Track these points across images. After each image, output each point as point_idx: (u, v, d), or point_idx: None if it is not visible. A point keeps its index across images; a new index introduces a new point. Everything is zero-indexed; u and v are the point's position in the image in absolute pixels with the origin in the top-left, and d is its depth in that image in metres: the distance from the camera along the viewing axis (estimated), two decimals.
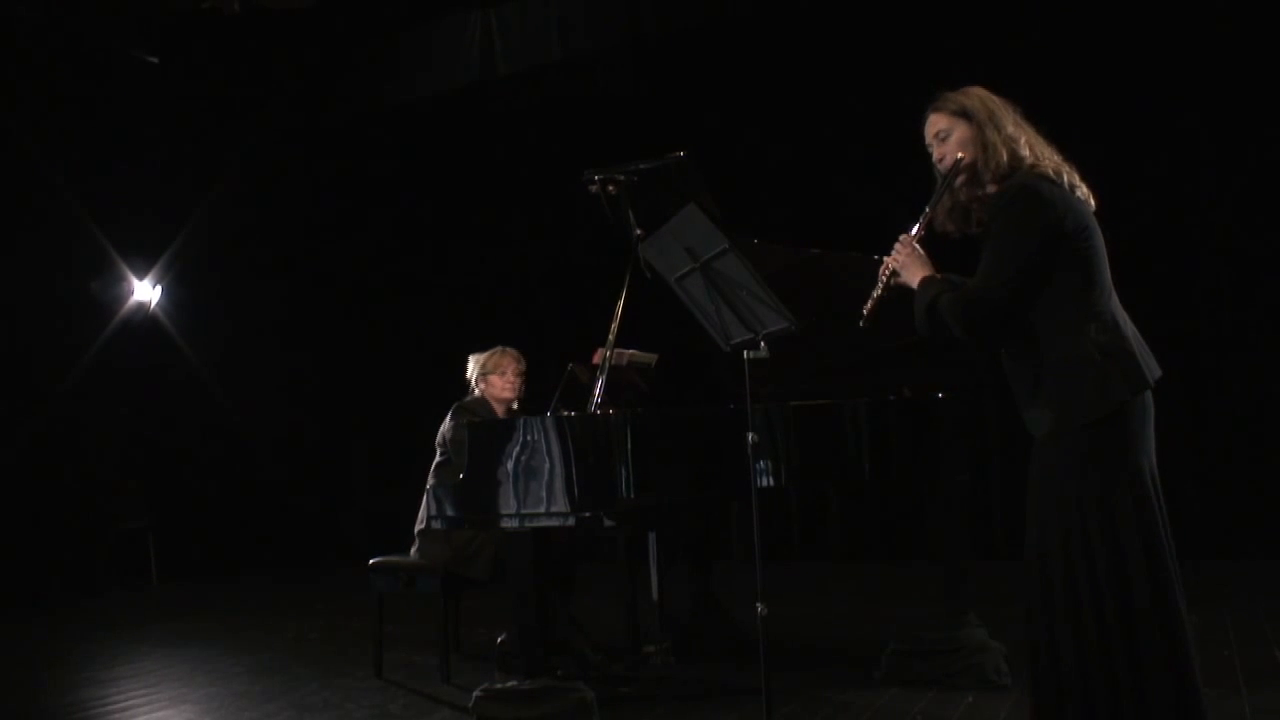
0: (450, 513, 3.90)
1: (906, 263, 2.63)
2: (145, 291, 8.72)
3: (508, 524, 3.69)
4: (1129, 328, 2.49)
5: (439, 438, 4.71)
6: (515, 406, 4.84)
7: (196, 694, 4.69)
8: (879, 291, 2.66)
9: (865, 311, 2.67)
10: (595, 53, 7.51)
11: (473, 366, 4.88)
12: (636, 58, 7.63)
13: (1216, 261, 6.34)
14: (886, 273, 2.66)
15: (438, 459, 4.69)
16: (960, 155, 2.56)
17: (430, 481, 4.63)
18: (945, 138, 2.60)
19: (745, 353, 3.23)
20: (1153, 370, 2.46)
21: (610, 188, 4.08)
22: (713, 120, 7.43)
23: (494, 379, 4.79)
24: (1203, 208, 6.36)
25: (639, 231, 4.07)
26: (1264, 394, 6.18)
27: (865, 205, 6.71)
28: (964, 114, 2.57)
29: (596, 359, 4.19)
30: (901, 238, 2.65)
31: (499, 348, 4.87)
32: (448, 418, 4.72)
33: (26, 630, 6.74)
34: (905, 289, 2.64)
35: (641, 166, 4.04)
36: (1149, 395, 2.46)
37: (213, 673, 5.08)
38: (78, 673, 5.27)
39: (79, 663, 5.52)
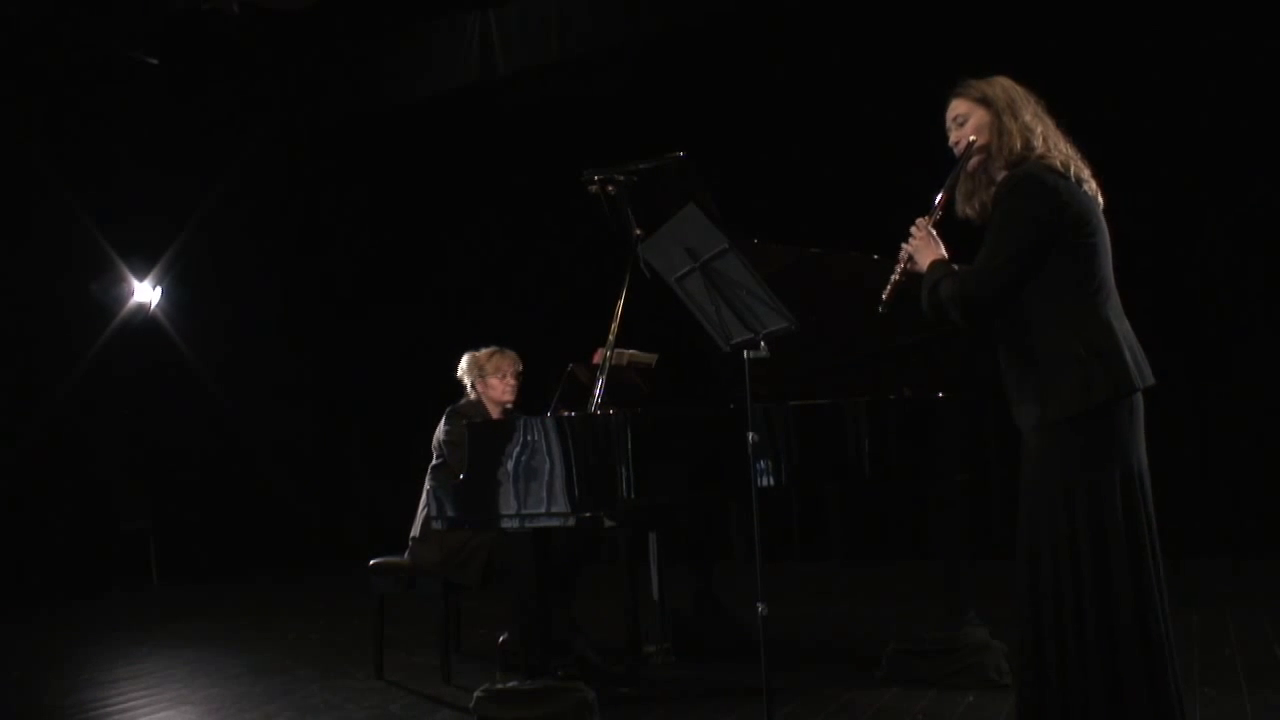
0: (451, 513, 3.90)
1: (919, 246, 2.65)
2: (145, 293, 8.71)
3: (508, 524, 3.69)
4: (1124, 329, 2.49)
5: (434, 442, 4.67)
6: (510, 408, 4.79)
7: (197, 695, 4.69)
8: (897, 275, 2.69)
9: (884, 295, 2.68)
10: (595, 53, 7.50)
11: (468, 365, 4.75)
12: (636, 58, 7.62)
13: (1218, 260, 6.33)
14: (904, 258, 2.68)
15: (434, 461, 4.67)
16: (973, 138, 2.58)
17: (428, 485, 4.62)
18: (963, 122, 2.62)
19: (745, 353, 3.23)
20: (1144, 376, 2.46)
21: (610, 188, 4.08)
22: (712, 120, 7.42)
23: (493, 381, 4.70)
24: (1204, 207, 6.36)
25: (638, 231, 4.07)
26: (1264, 392, 6.18)
27: (866, 205, 6.72)
28: (983, 100, 2.59)
29: (596, 359, 4.19)
30: (918, 221, 2.67)
31: (496, 348, 4.75)
32: (442, 421, 4.66)
33: (27, 631, 6.74)
34: (921, 275, 2.66)
35: (641, 166, 4.04)
36: (1139, 397, 2.46)
37: (214, 674, 5.08)
38: (78, 674, 5.27)
39: (80, 664, 5.52)
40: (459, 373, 4.81)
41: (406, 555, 4.61)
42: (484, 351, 4.77)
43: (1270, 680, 3.73)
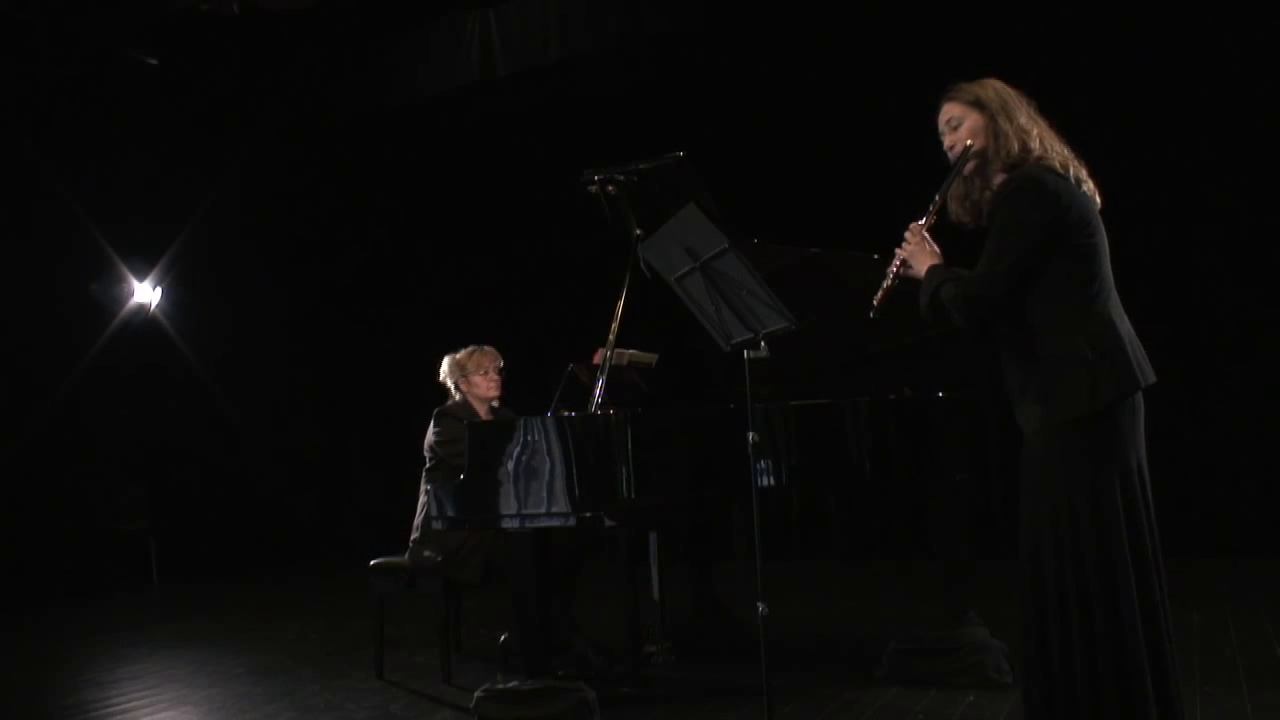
0: (451, 513, 3.91)
1: (915, 252, 2.64)
2: (145, 293, 8.72)
3: (509, 524, 3.69)
4: (1125, 328, 2.50)
5: (426, 445, 4.68)
6: (496, 405, 4.81)
7: (198, 695, 4.69)
8: (889, 281, 2.68)
9: (875, 301, 2.68)
10: (595, 53, 7.50)
11: (450, 367, 4.78)
12: (636, 58, 7.62)
13: (1218, 260, 6.34)
14: (897, 263, 2.67)
15: (428, 464, 4.67)
16: (969, 142, 2.57)
17: (424, 488, 4.62)
18: (957, 126, 2.61)
19: (745, 352, 3.23)
20: (1146, 374, 2.47)
21: (610, 187, 4.08)
22: (712, 120, 7.42)
23: (477, 379, 4.73)
24: (1206, 206, 6.36)
25: (639, 231, 4.07)
26: (1265, 391, 6.18)
27: (866, 205, 6.72)
28: (977, 103, 2.59)
29: (597, 359, 4.19)
30: (911, 226, 2.67)
31: (475, 347, 4.79)
32: (431, 425, 4.67)
33: (27, 631, 6.74)
34: (915, 280, 2.66)
35: (641, 166, 4.04)
36: (1139, 396, 2.47)
37: (214, 674, 5.09)
38: (79, 674, 5.27)
39: (80, 664, 5.52)
40: (441, 376, 4.83)
41: (407, 556, 4.61)
42: (463, 352, 4.80)
43: (1270, 680, 3.73)
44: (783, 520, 7.34)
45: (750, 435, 3.19)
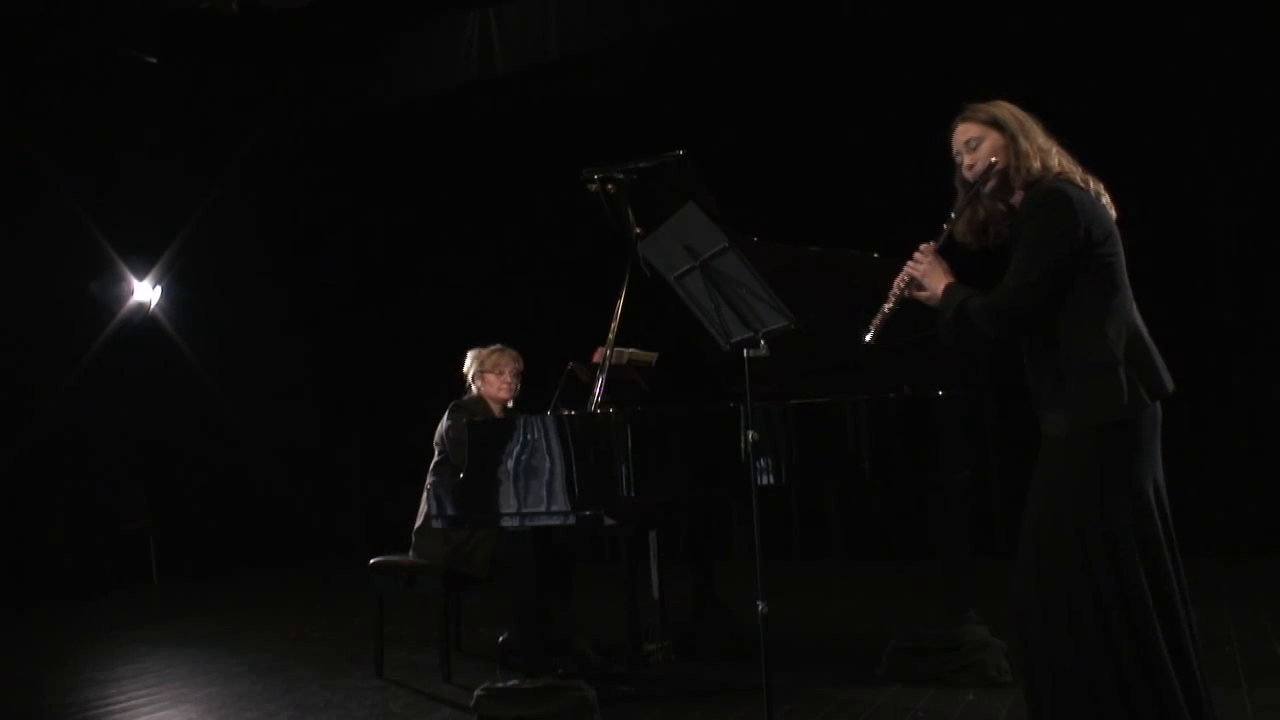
0: (450, 512, 3.91)
1: (929, 270, 2.64)
2: (145, 292, 8.72)
3: (508, 523, 3.69)
4: (1147, 336, 2.51)
5: (437, 437, 4.70)
6: (510, 405, 4.83)
7: (198, 694, 4.69)
8: (891, 304, 2.67)
9: (873, 325, 2.68)
10: (595, 52, 7.51)
11: (471, 362, 4.85)
12: (636, 57, 7.62)
13: (1219, 263, 6.34)
14: (903, 283, 2.67)
15: (436, 458, 4.69)
16: (994, 160, 2.57)
17: (429, 481, 4.62)
18: (975, 146, 2.61)
19: (745, 351, 3.23)
20: (1167, 381, 2.49)
21: (609, 186, 4.08)
22: (713, 119, 7.42)
23: (490, 378, 4.77)
24: (1209, 210, 6.37)
25: (638, 230, 4.07)
26: (1265, 391, 6.18)
27: (866, 204, 6.73)
28: (995, 123, 2.59)
29: (597, 358, 4.19)
30: (922, 247, 2.67)
31: (498, 346, 4.84)
32: (445, 417, 4.70)
33: (27, 630, 6.75)
34: (913, 301, 2.66)
35: (640, 165, 4.04)
36: (1159, 406, 2.48)
37: (214, 673, 5.09)
38: (79, 673, 5.28)
39: (80, 663, 5.52)
40: (465, 367, 4.88)
41: (411, 552, 4.61)
42: (487, 349, 4.85)
43: (1270, 678, 3.73)
44: (782, 519, 7.35)
45: (750, 434, 3.19)
